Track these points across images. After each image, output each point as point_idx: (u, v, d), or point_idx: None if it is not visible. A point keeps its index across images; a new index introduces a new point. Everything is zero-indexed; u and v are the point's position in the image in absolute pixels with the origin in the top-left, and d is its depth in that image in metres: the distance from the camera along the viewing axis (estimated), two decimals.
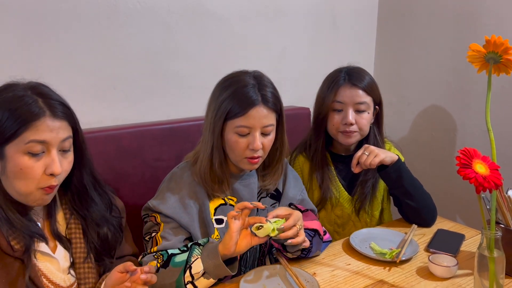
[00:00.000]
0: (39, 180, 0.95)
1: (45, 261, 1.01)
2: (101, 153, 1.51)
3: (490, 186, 0.94)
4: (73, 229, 1.08)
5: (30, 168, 0.94)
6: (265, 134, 1.21)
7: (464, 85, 1.94)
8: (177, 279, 1.07)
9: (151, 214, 1.23)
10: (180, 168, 1.30)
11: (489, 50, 0.99)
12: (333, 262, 1.27)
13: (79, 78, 1.56)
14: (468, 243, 1.37)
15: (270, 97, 1.20)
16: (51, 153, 0.96)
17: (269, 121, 1.20)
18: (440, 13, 2.02)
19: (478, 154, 0.99)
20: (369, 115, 1.50)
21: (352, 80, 1.48)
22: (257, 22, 1.93)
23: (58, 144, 0.97)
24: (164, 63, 1.72)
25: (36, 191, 0.96)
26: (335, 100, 1.48)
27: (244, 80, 1.21)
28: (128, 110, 1.68)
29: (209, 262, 1.06)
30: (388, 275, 1.20)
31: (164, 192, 1.24)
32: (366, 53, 2.35)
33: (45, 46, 1.49)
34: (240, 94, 1.18)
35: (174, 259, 1.11)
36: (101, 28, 1.57)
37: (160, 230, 1.19)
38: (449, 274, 1.17)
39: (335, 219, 1.60)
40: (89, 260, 1.08)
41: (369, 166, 1.40)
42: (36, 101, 0.95)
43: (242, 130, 1.18)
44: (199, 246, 1.12)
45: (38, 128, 0.93)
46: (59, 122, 0.97)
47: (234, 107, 1.18)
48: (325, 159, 1.57)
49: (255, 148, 1.18)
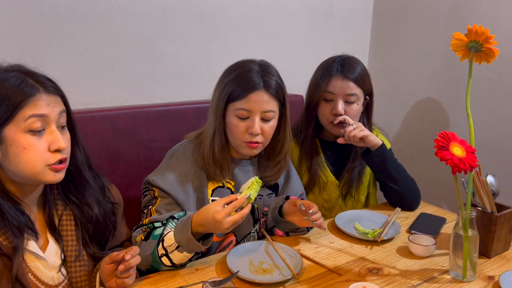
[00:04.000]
0: (45, 158, 0.95)
1: (34, 260, 1.01)
2: (97, 133, 1.56)
3: (465, 167, 1.00)
4: (65, 226, 1.07)
5: (34, 146, 0.93)
6: (266, 120, 1.23)
7: (455, 76, 1.99)
8: (152, 252, 1.09)
9: (151, 188, 1.25)
10: (182, 146, 1.32)
11: (471, 39, 1.04)
12: (318, 240, 1.32)
13: (76, 59, 1.60)
14: (449, 226, 1.43)
15: (273, 84, 1.22)
16: (51, 129, 0.96)
17: (270, 107, 1.22)
18: (434, 5, 2.05)
19: (456, 138, 1.05)
20: (358, 106, 1.54)
21: (344, 71, 1.50)
22: (254, 9, 1.96)
23: (57, 119, 0.97)
24: (161, 46, 1.76)
25: (44, 169, 0.95)
26: (326, 90, 1.52)
27: (249, 66, 1.24)
28: (125, 91, 1.72)
29: (181, 235, 1.08)
30: (370, 253, 1.25)
31: (164, 168, 1.26)
32: (361, 43, 2.39)
33: (43, 27, 1.52)
34: (243, 77, 1.21)
35: (154, 232, 1.13)
36: (99, 10, 1.60)
37: (156, 204, 1.21)
38: (427, 253, 1.23)
39: (323, 203, 1.65)
40: (81, 259, 1.07)
41: (353, 138, 1.44)
42: (26, 80, 0.94)
43: (242, 113, 1.21)
44: (173, 219, 1.14)
45: (36, 103, 0.93)
46: (53, 97, 0.97)
47: (235, 89, 1.20)
48: (314, 146, 1.61)
49: (254, 132, 1.20)
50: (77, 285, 1.07)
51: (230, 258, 1.17)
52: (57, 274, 1.04)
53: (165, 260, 1.09)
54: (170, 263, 1.09)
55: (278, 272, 1.12)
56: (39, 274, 1.01)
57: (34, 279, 1.00)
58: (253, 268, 1.14)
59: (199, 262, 1.18)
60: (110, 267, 1.01)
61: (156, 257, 1.09)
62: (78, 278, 1.07)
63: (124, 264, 0.97)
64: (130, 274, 1.01)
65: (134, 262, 0.99)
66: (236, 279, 1.08)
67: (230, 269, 1.11)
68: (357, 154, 1.59)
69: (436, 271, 1.17)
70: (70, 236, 1.07)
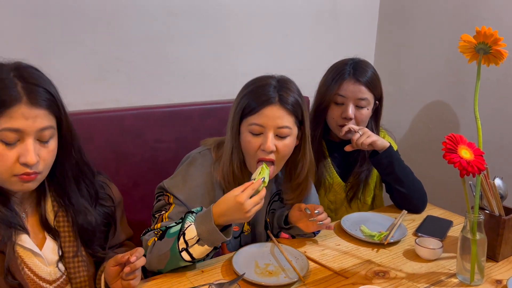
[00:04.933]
0: (12, 168, 0.91)
1: (31, 257, 1.00)
2: (103, 133, 1.56)
3: (473, 170, 0.99)
4: (61, 222, 1.06)
5: (2, 155, 0.90)
6: (281, 136, 1.17)
7: (461, 77, 1.97)
8: (171, 247, 1.08)
9: (165, 193, 1.23)
10: (201, 154, 1.27)
11: (479, 41, 1.03)
12: (324, 242, 1.32)
13: (82, 60, 1.60)
14: (455, 229, 1.42)
15: (289, 99, 1.16)
16: (25, 142, 0.91)
17: (284, 123, 1.15)
18: (440, 7, 2.04)
19: (464, 140, 1.04)
20: (368, 111, 1.53)
21: (357, 75, 1.49)
22: (259, 10, 1.96)
23: (35, 133, 0.92)
24: (166, 47, 1.76)
25: (11, 178, 0.92)
26: (337, 93, 1.50)
27: (267, 81, 1.20)
28: (131, 92, 1.72)
29: (203, 228, 1.07)
30: (376, 255, 1.25)
31: (182, 176, 1.23)
32: (367, 44, 2.38)
33: (49, 26, 1.52)
34: (258, 91, 1.17)
35: (169, 231, 1.11)
36: (105, 11, 1.60)
37: (169, 210, 1.19)
38: (434, 256, 1.22)
39: (328, 204, 1.64)
40: (79, 255, 1.06)
41: (361, 146, 1.44)
42: (16, 85, 0.90)
43: (255, 129, 1.15)
44: (192, 213, 1.13)
45: (12, 115, 0.89)
46: (37, 110, 0.91)
47: (249, 103, 1.16)
48: (321, 148, 1.60)
49: (266, 149, 1.14)
50: (76, 281, 1.06)
51: (236, 260, 1.16)
52: (54, 269, 1.04)
53: (185, 255, 1.07)
54: (190, 257, 1.08)
55: (284, 275, 1.12)
56: (36, 270, 1.01)
57: (31, 274, 1.00)
58: (259, 270, 1.14)
59: (205, 264, 1.18)
60: (115, 269, 1.01)
61: (176, 252, 1.07)
62: (77, 274, 1.06)
63: (129, 266, 0.97)
64: (136, 276, 1.01)
65: (140, 263, 0.99)
66: (242, 281, 1.08)
67: (236, 271, 1.11)
68: (364, 159, 1.58)
69: (443, 274, 1.16)
70: (67, 232, 1.06)
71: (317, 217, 1.21)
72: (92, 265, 1.10)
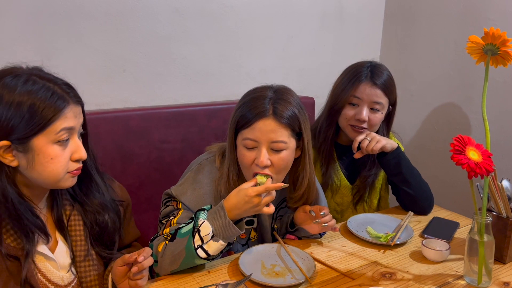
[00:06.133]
0: (68, 166, 0.97)
1: (43, 261, 1.01)
2: (109, 133, 1.57)
3: (481, 172, 0.98)
4: (73, 226, 1.07)
5: (60, 156, 0.95)
6: (276, 150, 1.13)
7: (467, 79, 1.97)
8: (186, 245, 1.07)
9: (174, 199, 1.22)
10: (208, 161, 1.26)
11: (487, 42, 1.02)
12: (330, 244, 1.31)
13: (89, 60, 1.61)
14: (462, 231, 1.41)
15: (284, 112, 1.11)
16: (74, 139, 0.98)
17: (278, 137, 1.11)
18: (446, 8, 2.03)
19: (472, 142, 1.03)
20: (381, 115, 1.52)
21: (374, 78, 1.48)
22: (264, 10, 1.96)
23: (79, 129, 1.00)
24: (172, 48, 1.77)
25: (65, 175, 0.98)
26: (353, 94, 1.50)
27: (262, 92, 1.15)
28: (137, 92, 1.73)
29: (217, 223, 1.07)
30: (382, 257, 1.24)
31: (190, 183, 1.22)
32: (372, 45, 2.37)
33: (57, 27, 1.53)
34: (252, 104, 1.12)
35: (180, 231, 1.11)
36: (112, 12, 1.61)
37: (178, 216, 1.18)
38: (441, 258, 1.22)
39: (335, 206, 1.64)
40: (89, 258, 1.07)
41: (371, 152, 1.43)
42: (55, 91, 0.94)
43: (248, 143, 1.12)
44: (204, 211, 1.12)
45: (66, 116, 0.94)
46: (78, 108, 0.98)
47: (243, 116, 1.12)
48: (331, 150, 1.59)
49: (260, 164, 1.11)
50: (87, 284, 1.07)
51: (243, 261, 1.16)
52: (67, 273, 1.04)
53: (200, 252, 1.07)
54: (206, 254, 1.07)
55: (291, 276, 1.12)
56: (49, 275, 1.01)
57: (43, 279, 1.00)
58: (265, 271, 1.14)
59: (212, 264, 1.18)
60: (123, 269, 1.01)
61: (191, 250, 1.06)
62: (87, 278, 1.07)
63: (137, 266, 0.97)
64: (143, 276, 1.02)
65: (147, 263, 0.99)
66: (249, 282, 1.08)
67: (242, 272, 1.11)
68: (373, 163, 1.57)
69: (451, 276, 1.15)
70: (79, 236, 1.07)
71: (321, 219, 1.21)
72: (101, 265, 1.11)
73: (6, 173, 0.93)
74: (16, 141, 0.91)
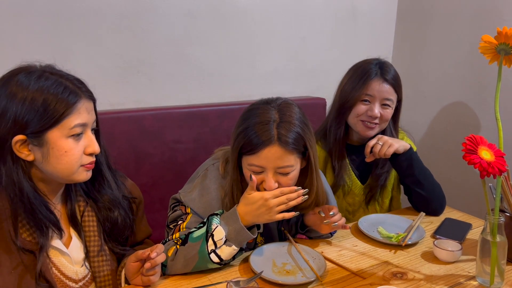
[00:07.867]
0: (81, 159, 0.99)
1: (58, 256, 1.03)
2: (123, 133, 1.60)
3: (494, 171, 0.98)
4: (87, 221, 1.09)
5: (74, 149, 0.97)
6: (283, 173, 1.13)
7: (481, 79, 1.95)
8: (199, 249, 1.08)
9: (182, 204, 1.23)
10: (215, 167, 1.26)
11: (501, 42, 1.02)
12: (341, 243, 1.32)
13: (104, 61, 1.64)
14: (474, 232, 1.40)
15: (289, 137, 1.09)
16: (88, 134, 1.00)
17: (285, 163, 1.10)
18: (460, 8, 2.02)
19: (484, 141, 1.03)
20: (391, 111, 1.53)
21: (384, 74, 1.49)
22: (277, 12, 1.98)
23: (92, 124, 1.02)
24: (186, 49, 1.79)
25: (79, 169, 1.00)
26: (364, 92, 1.50)
27: (264, 113, 1.11)
28: (150, 93, 1.76)
29: (230, 228, 1.09)
30: (394, 257, 1.24)
31: (197, 189, 1.23)
32: (385, 45, 2.37)
33: (73, 29, 1.57)
34: (254, 130, 1.09)
35: (192, 236, 1.11)
36: (128, 14, 1.64)
37: (187, 220, 1.19)
38: (453, 259, 1.21)
39: (347, 206, 1.64)
40: (102, 253, 1.09)
41: (384, 156, 1.43)
42: (67, 86, 0.96)
43: (255, 169, 1.12)
44: (217, 215, 1.13)
45: (80, 111, 0.97)
46: (90, 103, 1.01)
47: (247, 142, 1.10)
48: (342, 150, 1.59)
49: (268, 189, 1.12)
50: (100, 279, 1.09)
51: (254, 259, 1.18)
52: (81, 268, 1.07)
53: (213, 257, 1.08)
54: (218, 259, 1.09)
55: (302, 274, 1.13)
56: (63, 269, 1.04)
57: (58, 273, 1.03)
58: (276, 269, 1.15)
59: None
60: (136, 265, 1.03)
61: (205, 254, 1.08)
62: (101, 273, 1.09)
63: (150, 262, 0.99)
64: (156, 272, 1.04)
65: (160, 259, 1.01)
66: (260, 279, 1.09)
67: (253, 270, 1.12)
68: (385, 162, 1.57)
69: (462, 277, 1.15)
70: (92, 231, 1.09)
71: (331, 219, 1.21)
72: (114, 261, 1.13)
73: (22, 168, 0.96)
74: (31, 135, 0.93)
